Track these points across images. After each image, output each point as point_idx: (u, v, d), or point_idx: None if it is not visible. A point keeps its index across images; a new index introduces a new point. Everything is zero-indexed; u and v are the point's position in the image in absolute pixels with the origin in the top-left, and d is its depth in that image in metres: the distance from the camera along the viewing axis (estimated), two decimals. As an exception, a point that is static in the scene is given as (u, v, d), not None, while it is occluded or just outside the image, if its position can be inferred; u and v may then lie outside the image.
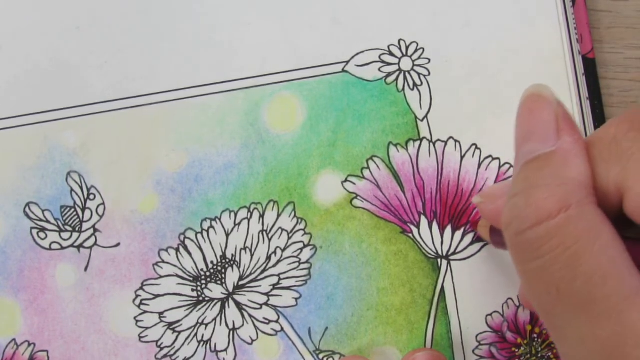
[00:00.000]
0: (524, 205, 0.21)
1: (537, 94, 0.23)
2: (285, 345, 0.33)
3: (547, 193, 0.21)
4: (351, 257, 0.33)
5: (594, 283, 0.20)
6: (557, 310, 0.21)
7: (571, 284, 0.20)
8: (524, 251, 0.21)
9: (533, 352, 0.33)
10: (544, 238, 0.21)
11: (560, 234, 0.20)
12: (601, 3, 0.34)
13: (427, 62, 0.33)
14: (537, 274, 0.21)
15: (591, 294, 0.20)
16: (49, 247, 0.33)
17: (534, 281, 0.21)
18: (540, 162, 0.22)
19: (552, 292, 0.21)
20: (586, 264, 0.20)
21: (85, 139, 0.33)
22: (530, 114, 0.23)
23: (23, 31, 0.34)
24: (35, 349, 0.33)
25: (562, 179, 0.21)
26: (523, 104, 0.23)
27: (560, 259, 0.20)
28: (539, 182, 0.21)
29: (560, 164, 0.21)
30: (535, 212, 0.21)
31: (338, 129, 0.33)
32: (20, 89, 0.34)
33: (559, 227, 0.20)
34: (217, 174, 0.33)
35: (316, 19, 0.33)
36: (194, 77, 0.33)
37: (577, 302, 0.20)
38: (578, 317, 0.20)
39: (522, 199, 0.22)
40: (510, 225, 0.22)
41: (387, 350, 0.33)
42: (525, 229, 0.21)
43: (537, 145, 0.22)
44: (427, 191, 0.33)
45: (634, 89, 0.34)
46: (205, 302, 0.33)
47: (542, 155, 0.22)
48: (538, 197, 0.21)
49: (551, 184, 0.21)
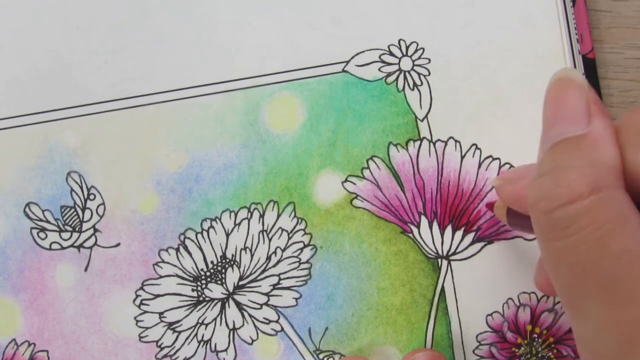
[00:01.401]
0: (553, 185, 0.21)
1: (568, 77, 0.23)
2: (285, 345, 0.33)
3: (578, 174, 0.21)
4: (351, 257, 0.33)
5: (621, 264, 0.20)
6: (579, 291, 0.21)
7: (598, 264, 0.20)
8: (552, 230, 0.21)
9: (533, 352, 0.33)
10: (573, 218, 0.21)
11: (590, 214, 0.20)
12: (601, 3, 0.34)
13: (427, 62, 0.33)
14: (563, 252, 0.21)
15: (617, 276, 0.20)
16: (49, 247, 0.33)
17: (559, 260, 0.21)
18: (570, 144, 0.22)
19: (577, 272, 0.21)
20: (614, 245, 0.20)
21: (85, 139, 0.33)
22: (560, 97, 0.23)
23: (23, 31, 0.34)
24: (35, 349, 0.33)
25: (593, 161, 0.21)
26: (552, 86, 0.23)
27: (588, 238, 0.20)
28: (570, 164, 0.21)
29: (591, 147, 0.21)
30: (566, 192, 0.21)
31: (338, 129, 0.33)
32: (20, 89, 0.34)
33: (589, 208, 0.20)
34: (217, 174, 0.33)
35: (316, 19, 0.33)
36: (194, 77, 0.33)
37: (602, 283, 0.20)
38: (601, 298, 0.20)
39: (551, 178, 0.21)
40: (538, 203, 0.22)
41: (387, 350, 0.33)
42: (555, 208, 0.21)
43: (568, 127, 0.22)
44: (427, 191, 0.33)
45: (634, 89, 0.34)
46: (206, 302, 0.33)
47: (573, 137, 0.22)
48: (569, 177, 0.21)
49: (582, 165, 0.21)
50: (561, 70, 0.23)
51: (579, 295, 0.21)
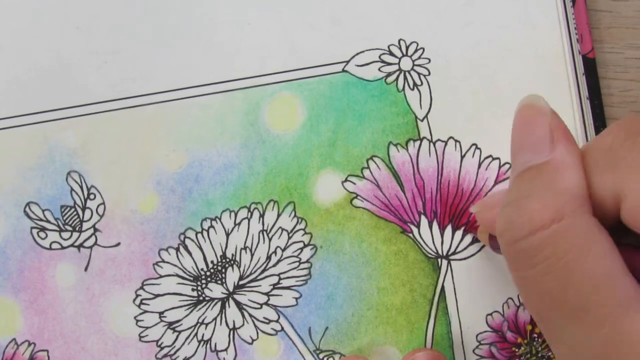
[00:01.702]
0: (516, 216, 0.21)
1: (531, 104, 0.23)
2: (285, 344, 0.33)
3: (540, 204, 0.21)
4: (351, 256, 0.33)
5: (586, 292, 0.20)
6: (551, 318, 0.21)
7: (564, 293, 0.20)
8: (518, 260, 0.21)
9: (533, 351, 0.33)
10: (536, 248, 0.21)
11: (552, 244, 0.20)
12: (601, 3, 0.34)
13: (427, 62, 0.33)
14: (530, 282, 0.21)
15: (584, 303, 0.20)
16: (49, 247, 0.33)
17: (528, 289, 0.22)
18: (533, 173, 0.22)
19: (546, 300, 0.21)
20: (578, 274, 0.20)
21: (85, 139, 0.33)
22: (524, 125, 0.23)
23: (23, 31, 0.34)
24: (35, 348, 0.33)
25: (555, 189, 0.21)
26: (517, 114, 0.23)
27: (552, 268, 0.20)
28: (532, 193, 0.21)
29: (553, 175, 0.21)
30: (528, 222, 0.21)
31: (338, 129, 0.33)
32: (20, 89, 0.34)
33: (551, 238, 0.21)
34: (217, 174, 0.33)
35: (316, 19, 0.33)
36: (194, 77, 0.33)
37: (570, 310, 0.20)
38: (572, 325, 0.20)
39: (514, 209, 0.22)
40: (504, 234, 0.22)
41: (387, 350, 0.33)
42: (519, 239, 0.21)
43: (531, 156, 0.22)
44: (427, 191, 0.33)
45: (634, 89, 0.34)
46: (206, 301, 0.33)
47: (535, 165, 0.22)
48: (531, 207, 0.21)
49: (544, 194, 0.21)
50: (526, 97, 0.23)
51: (550, 322, 0.21)
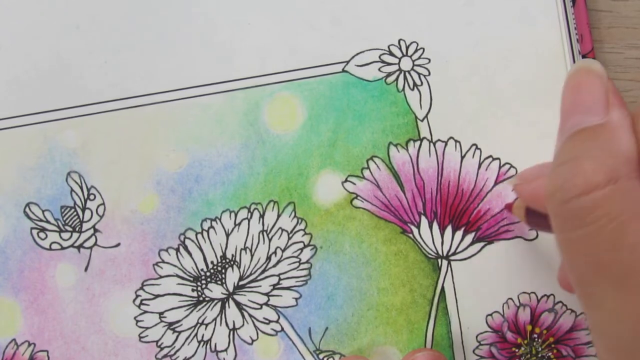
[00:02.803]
0: (570, 175, 0.21)
1: (587, 67, 0.23)
2: (285, 345, 0.33)
3: (595, 164, 0.21)
4: (351, 257, 0.33)
5: (637, 255, 0.20)
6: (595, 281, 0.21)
7: (613, 254, 0.20)
8: (568, 220, 0.21)
9: (533, 352, 0.33)
10: (590, 208, 0.21)
11: (607, 205, 0.20)
12: (601, 3, 0.34)
13: (427, 62, 0.33)
14: (579, 243, 0.21)
15: (632, 266, 0.20)
16: (49, 247, 0.33)
17: (575, 250, 0.21)
18: (589, 134, 0.22)
19: (593, 262, 0.21)
20: (631, 235, 0.20)
21: (85, 139, 0.33)
22: (579, 87, 0.23)
23: (23, 31, 0.34)
24: (35, 349, 0.33)
25: (610, 151, 0.21)
26: (571, 77, 0.23)
27: (605, 229, 0.20)
28: (587, 153, 0.21)
29: (609, 137, 0.21)
30: (582, 181, 0.21)
31: (338, 129, 0.33)
32: (20, 89, 0.34)
33: (606, 198, 0.20)
34: (217, 174, 0.33)
35: (316, 19, 0.33)
36: (194, 77, 0.33)
37: (617, 273, 0.20)
38: (616, 288, 0.20)
39: (569, 168, 0.21)
40: (555, 193, 0.22)
41: (387, 350, 0.33)
42: (571, 198, 0.21)
43: (586, 117, 0.22)
44: (427, 191, 0.33)
45: (634, 89, 0.34)
46: (206, 302, 0.33)
47: (591, 127, 0.22)
48: (586, 167, 0.21)
49: (600, 155, 0.21)
50: (581, 61, 0.23)
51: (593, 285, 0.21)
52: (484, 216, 0.33)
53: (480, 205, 0.33)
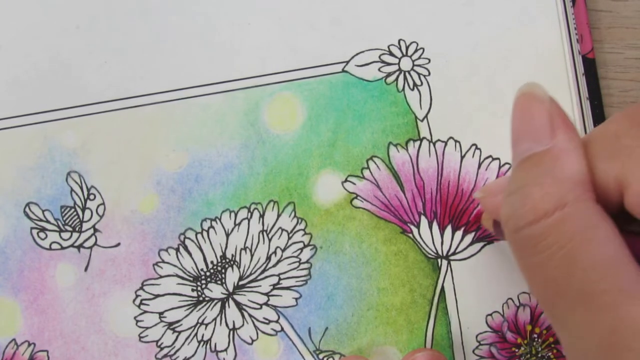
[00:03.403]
0: (519, 204, 0.22)
1: (529, 92, 0.23)
2: (285, 345, 0.33)
3: (542, 192, 0.21)
4: (351, 257, 0.33)
5: (590, 279, 0.20)
6: (556, 304, 0.21)
7: (568, 279, 0.20)
8: (522, 248, 0.22)
9: (533, 352, 0.33)
10: (540, 236, 0.21)
11: (555, 232, 0.21)
12: (601, 3, 0.34)
13: (427, 62, 0.33)
14: (535, 269, 0.21)
15: (588, 289, 0.20)
16: (49, 247, 0.33)
17: (533, 276, 0.22)
18: (534, 161, 0.22)
19: (551, 287, 0.21)
20: (582, 260, 0.20)
21: (85, 139, 0.33)
22: (523, 114, 0.23)
23: (23, 31, 0.34)
24: (35, 349, 0.33)
25: (557, 177, 0.21)
26: (516, 103, 0.23)
27: (556, 256, 0.21)
28: (534, 181, 0.22)
29: (554, 162, 0.22)
30: (531, 210, 0.21)
31: (338, 129, 0.33)
32: (20, 89, 0.34)
33: (554, 226, 0.21)
34: (217, 174, 0.33)
35: (316, 19, 0.33)
36: (194, 77, 0.33)
37: (574, 296, 0.20)
38: (576, 311, 0.20)
39: (518, 197, 0.22)
40: (508, 222, 0.22)
41: (387, 350, 0.33)
42: (522, 227, 0.21)
43: (531, 144, 0.22)
44: (427, 191, 0.33)
45: (634, 89, 0.34)
46: (205, 302, 0.33)
47: (536, 153, 0.22)
48: (533, 195, 0.21)
49: (546, 182, 0.21)
50: (524, 85, 0.23)
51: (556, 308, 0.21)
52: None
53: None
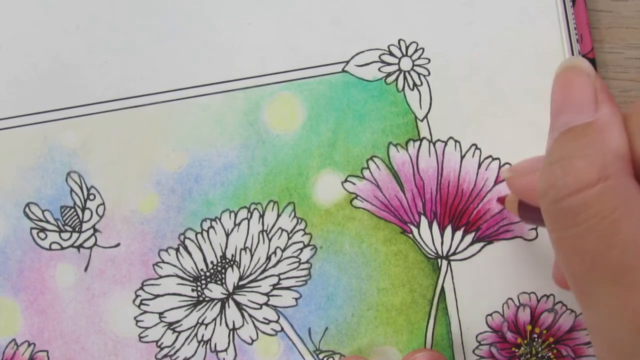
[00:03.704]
0: (561, 174, 0.21)
1: (574, 65, 0.23)
2: (285, 345, 0.33)
3: (585, 162, 0.21)
4: (351, 257, 0.33)
5: (630, 252, 0.20)
6: (589, 279, 0.21)
7: (606, 252, 0.20)
8: (560, 219, 0.21)
9: (533, 352, 0.33)
10: (581, 207, 0.21)
11: (598, 203, 0.20)
12: (601, 3, 0.34)
13: (427, 62, 0.33)
14: (572, 242, 0.21)
15: (626, 263, 0.20)
16: (49, 247, 0.33)
17: (568, 249, 0.21)
18: (578, 132, 0.22)
19: (587, 261, 0.21)
20: (623, 233, 0.20)
21: (85, 139, 0.33)
22: (567, 85, 0.23)
23: (23, 31, 0.34)
24: (35, 349, 0.33)
25: (600, 149, 0.21)
26: (559, 75, 0.23)
27: (597, 227, 0.20)
28: (578, 152, 0.21)
29: (598, 135, 0.21)
30: (573, 180, 0.21)
31: (338, 129, 0.33)
32: (20, 89, 0.34)
33: (597, 197, 0.20)
34: (217, 174, 0.33)
35: (316, 19, 0.33)
36: (194, 77, 0.33)
37: (611, 271, 0.20)
38: (611, 286, 0.20)
39: (559, 167, 0.21)
40: (547, 193, 0.22)
41: (387, 350, 0.33)
42: (563, 197, 0.21)
43: (575, 116, 0.22)
44: (427, 191, 0.33)
45: (634, 89, 0.34)
46: (205, 302, 0.33)
47: (580, 125, 0.22)
48: (576, 166, 0.21)
49: (590, 154, 0.21)
50: (568, 59, 0.23)
51: (589, 283, 0.21)
52: (484, 216, 0.33)
53: (480, 205, 0.33)
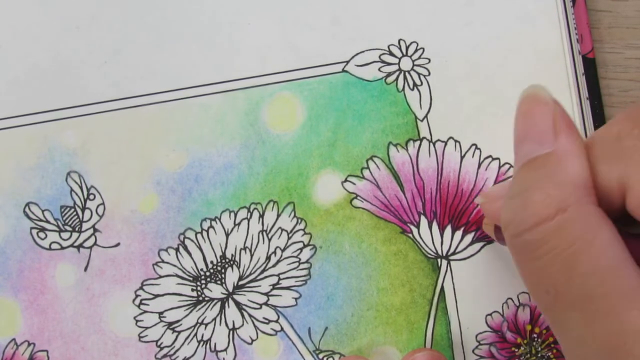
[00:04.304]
0: (520, 208, 0.21)
1: (533, 94, 0.23)
2: (285, 345, 0.33)
3: (543, 195, 0.21)
4: (351, 257, 0.33)
5: (591, 283, 0.20)
6: (556, 309, 0.21)
7: (568, 284, 0.20)
8: (522, 252, 0.22)
9: (533, 352, 0.33)
10: (539, 241, 0.21)
11: (556, 236, 0.20)
12: (601, 3, 0.34)
13: (427, 62, 0.33)
14: (535, 274, 0.21)
15: (589, 294, 0.20)
16: (48, 247, 0.33)
17: (533, 281, 0.22)
18: (537, 164, 0.22)
19: (551, 292, 0.21)
20: (583, 265, 0.20)
21: (85, 139, 0.33)
22: (526, 116, 0.23)
23: (23, 31, 0.34)
24: (35, 349, 0.33)
25: (558, 180, 0.21)
26: (520, 105, 0.23)
27: (556, 260, 0.20)
28: (536, 185, 0.21)
29: (557, 166, 0.21)
30: (532, 215, 0.21)
31: (338, 129, 0.33)
32: (20, 89, 0.34)
33: (554, 230, 0.21)
34: (217, 174, 0.33)
35: (316, 19, 0.33)
36: (194, 77, 0.33)
37: (575, 301, 0.20)
38: (577, 316, 0.20)
39: (518, 201, 0.22)
40: (508, 227, 0.22)
41: (387, 350, 0.33)
42: (522, 232, 0.21)
43: (534, 147, 0.22)
44: (427, 191, 0.33)
45: (634, 89, 0.34)
46: (205, 302, 0.33)
47: (539, 157, 0.22)
48: (535, 199, 0.21)
49: (548, 186, 0.21)
50: (528, 87, 0.23)
51: (556, 313, 0.21)
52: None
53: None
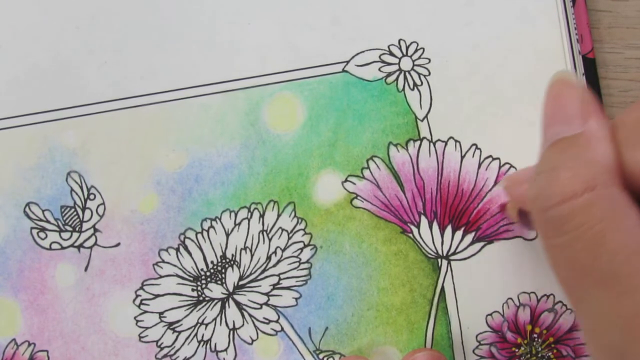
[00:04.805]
0: (548, 184, 0.22)
1: (563, 79, 0.24)
2: (285, 345, 0.33)
3: (571, 173, 0.21)
4: (351, 257, 0.33)
5: (617, 261, 0.20)
6: (580, 286, 0.21)
7: (594, 260, 0.20)
8: (549, 228, 0.22)
9: (533, 352, 0.33)
10: (567, 216, 0.21)
11: (584, 213, 0.21)
12: (601, 3, 0.34)
13: (427, 62, 0.33)
14: (561, 250, 0.21)
15: (614, 272, 0.20)
16: (49, 247, 0.33)
17: (558, 256, 0.22)
18: (565, 144, 0.22)
19: (576, 268, 0.21)
20: (609, 242, 0.20)
21: (85, 139, 0.33)
22: (556, 98, 0.23)
23: (23, 31, 0.34)
24: (35, 349, 0.33)
25: (587, 160, 0.21)
26: (550, 89, 0.24)
27: (584, 236, 0.21)
28: (564, 163, 0.22)
29: (585, 146, 0.22)
30: (559, 190, 0.21)
31: (338, 129, 0.33)
32: (20, 89, 0.34)
33: (582, 207, 0.21)
34: (217, 174, 0.33)
35: (316, 19, 0.33)
36: (194, 77, 0.33)
37: (600, 278, 0.20)
38: (601, 293, 0.20)
39: (546, 177, 0.22)
40: (535, 202, 0.22)
41: (387, 350, 0.33)
42: (550, 206, 0.21)
43: (563, 128, 0.23)
44: (427, 191, 0.33)
45: (634, 89, 0.34)
46: (206, 302, 0.33)
47: (567, 137, 0.22)
48: (562, 176, 0.21)
49: (576, 165, 0.22)
50: (558, 72, 0.24)
51: (580, 290, 0.21)
52: (484, 216, 0.33)
53: (480, 205, 0.33)
